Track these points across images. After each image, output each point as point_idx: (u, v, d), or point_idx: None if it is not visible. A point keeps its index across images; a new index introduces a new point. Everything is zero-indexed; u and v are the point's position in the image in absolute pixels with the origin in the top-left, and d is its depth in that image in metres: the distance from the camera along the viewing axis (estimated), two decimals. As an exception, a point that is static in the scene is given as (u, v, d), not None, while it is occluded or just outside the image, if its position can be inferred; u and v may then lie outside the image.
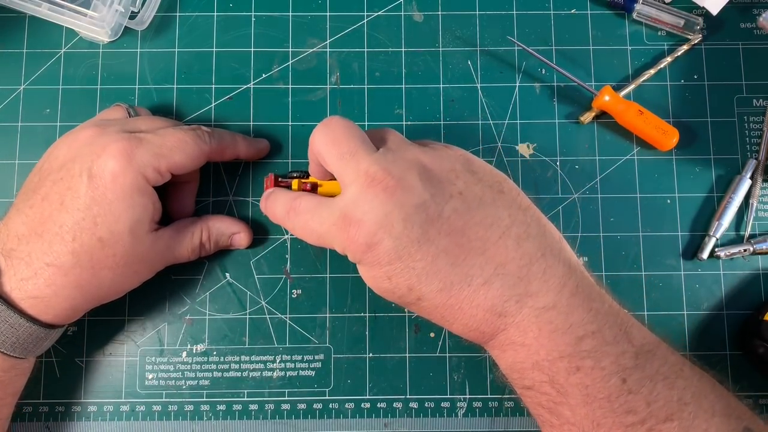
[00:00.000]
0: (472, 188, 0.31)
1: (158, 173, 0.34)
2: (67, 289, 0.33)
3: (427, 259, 0.30)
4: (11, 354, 0.33)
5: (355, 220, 0.30)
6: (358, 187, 0.30)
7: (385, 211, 0.30)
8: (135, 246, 0.34)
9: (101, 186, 0.32)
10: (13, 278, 0.32)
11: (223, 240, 0.39)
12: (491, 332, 0.31)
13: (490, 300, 0.30)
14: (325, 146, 0.32)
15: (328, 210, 0.32)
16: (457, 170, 0.32)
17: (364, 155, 0.31)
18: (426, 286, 0.30)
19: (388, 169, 0.30)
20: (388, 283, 0.31)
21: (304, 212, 0.33)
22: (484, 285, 0.30)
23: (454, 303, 0.30)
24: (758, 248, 0.40)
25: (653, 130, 0.40)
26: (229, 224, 0.39)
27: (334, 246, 0.32)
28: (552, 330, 0.29)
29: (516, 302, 0.30)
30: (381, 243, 0.30)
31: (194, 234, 0.38)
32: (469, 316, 0.30)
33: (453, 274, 0.30)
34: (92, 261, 0.33)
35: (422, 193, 0.30)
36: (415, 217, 0.30)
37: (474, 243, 0.30)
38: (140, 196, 0.33)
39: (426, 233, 0.30)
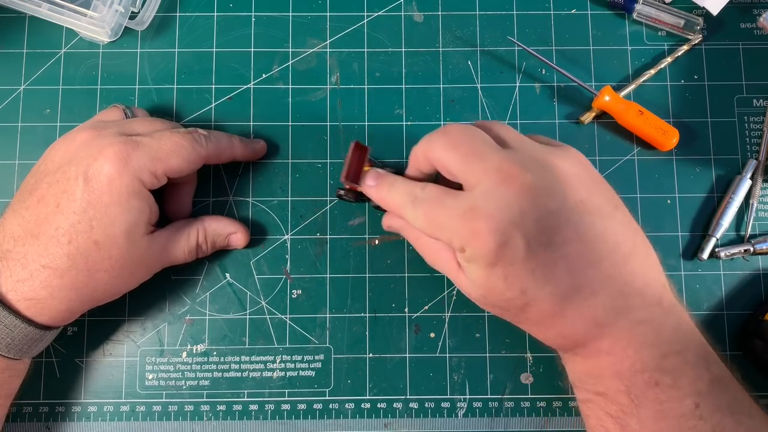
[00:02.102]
0: (593, 198, 0.31)
1: (154, 177, 0.34)
2: (62, 291, 0.33)
3: (548, 264, 0.29)
4: (6, 355, 0.33)
5: (485, 213, 0.29)
6: (491, 182, 0.30)
7: (520, 209, 0.29)
8: (131, 249, 0.34)
9: (97, 189, 0.32)
10: (9, 279, 0.32)
11: (220, 240, 0.39)
12: (584, 341, 0.31)
13: (593, 311, 0.30)
14: (446, 150, 0.32)
15: (456, 200, 0.31)
16: (581, 177, 0.32)
17: (493, 152, 0.31)
18: (539, 291, 0.30)
19: (524, 167, 0.30)
20: (503, 283, 0.30)
21: (428, 200, 0.32)
22: (592, 296, 0.30)
23: (560, 311, 0.30)
24: (758, 248, 0.40)
25: (653, 130, 0.40)
26: (225, 224, 0.39)
27: (453, 240, 0.31)
28: (641, 343, 0.30)
29: (615, 314, 0.30)
30: (512, 241, 0.29)
31: (190, 235, 0.38)
32: (570, 325, 0.31)
33: (568, 282, 0.30)
34: (88, 264, 0.33)
35: (555, 196, 0.30)
36: (547, 220, 0.29)
37: (591, 254, 0.30)
38: (136, 200, 0.33)
39: (553, 237, 0.30)
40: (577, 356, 0.32)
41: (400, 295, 0.40)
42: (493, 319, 0.40)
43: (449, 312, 0.40)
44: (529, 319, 0.32)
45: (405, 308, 0.40)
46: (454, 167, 0.32)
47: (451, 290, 0.40)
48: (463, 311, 0.40)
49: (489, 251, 0.30)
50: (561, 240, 0.30)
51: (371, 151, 0.37)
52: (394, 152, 0.42)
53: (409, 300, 0.40)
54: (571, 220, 0.30)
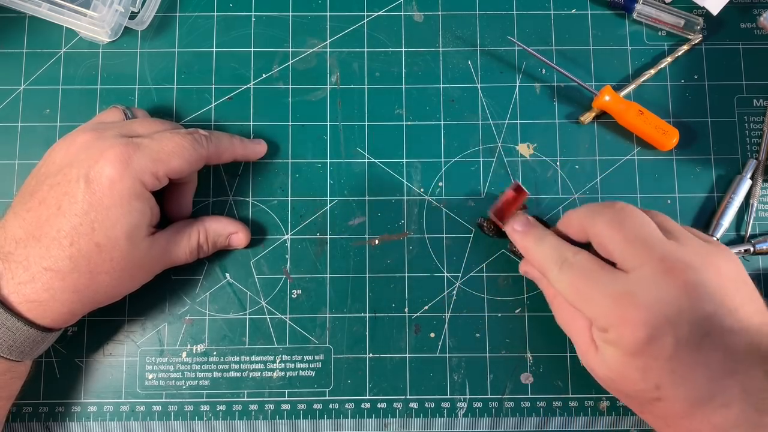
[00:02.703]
0: (746, 307, 0.30)
1: (156, 178, 0.34)
2: (65, 293, 0.33)
3: (690, 366, 0.29)
4: (8, 357, 0.33)
5: (642, 303, 0.29)
6: (653, 271, 0.29)
7: (679, 307, 0.29)
8: (132, 251, 0.34)
9: (98, 191, 0.32)
10: (11, 282, 0.32)
11: (221, 240, 0.39)
12: None
13: (724, 422, 0.29)
14: (610, 227, 0.31)
15: (611, 279, 0.30)
16: (738, 283, 0.31)
17: (660, 241, 0.30)
18: (674, 391, 0.29)
19: (689, 263, 0.29)
20: (639, 374, 0.30)
21: (579, 269, 0.32)
22: (724, 406, 0.29)
23: (689, 414, 0.29)
24: (758, 248, 0.40)
25: (653, 130, 0.40)
26: (225, 224, 0.39)
27: (597, 318, 0.30)
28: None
29: (744, 430, 0.29)
30: (662, 338, 0.29)
31: (191, 236, 0.38)
32: (695, 429, 0.30)
33: (705, 388, 0.29)
34: (90, 266, 0.33)
35: (714, 300, 0.29)
36: (700, 323, 0.29)
37: (730, 363, 0.29)
38: (137, 202, 0.33)
39: (701, 344, 0.29)
40: None
41: (400, 295, 0.40)
42: (493, 319, 0.40)
43: (449, 312, 0.40)
44: (654, 414, 0.31)
45: (405, 308, 0.40)
46: (615, 245, 0.31)
47: (451, 290, 0.40)
48: (463, 311, 0.40)
49: (636, 342, 0.29)
50: (708, 345, 0.29)
51: (528, 199, 0.37)
52: (394, 152, 0.42)
53: (409, 300, 0.40)
54: (724, 326, 0.29)
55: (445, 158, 0.42)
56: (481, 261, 0.41)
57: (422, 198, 0.41)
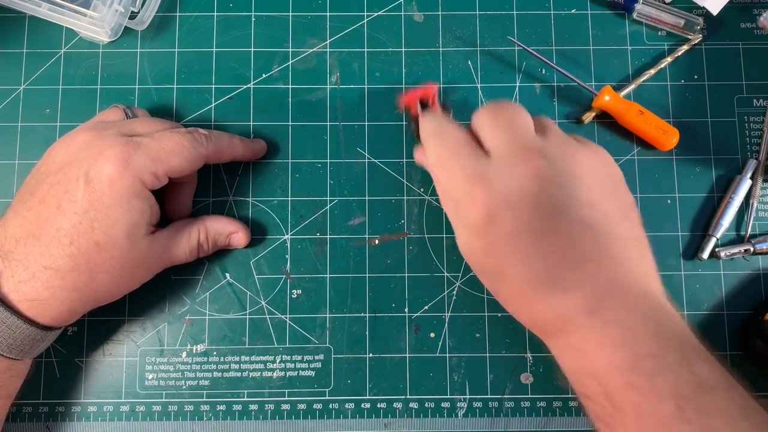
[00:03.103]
0: (604, 203, 0.31)
1: (155, 177, 0.34)
2: (64, 291, 0.33)
3: (531, 250, 0.30)
4: (8, 355, 0.33)
5: (487, 182, 0.30)
6: (508, 156, 0.31)
7: (522, 193, 0.30)
8: (132, 249, 0.34)
9: (98, 190, 0.32)
10: (11, 280, 0.32)
11: (221, 240, 0.39)
12: (553, 332, 0.32)
13: (564, 306, 0.30)
14: (488, 116, 0.33)
15: (472, 159, 0.32)
16: (601, 178, 0.32)
17: (526, 134, 0.32)
18: (515, 272, 0.31)
19: (544, 154, 0.31)
20: (483, 255, 0.31)
21: (450, 142, 0.33)
22: (564, 291, 0.30)
23: (532, 297, 0.31)
24: (758, 248, 0.40)
25: (653, 130, 0.40)
26: (225, 224, 0.39)
27: (450, 191, 0.32)
28: (613, 344, 0.29)
29: (586, 314, 0.30)
30: (501, 218, 0.30)
31: (191, 235, 0.38)
32: (540, 313, 0.31)
33: (544, 272, 0.30)
34: (89, 264, 0.33)
35: (564, 189, 0.30)
36: (544, 210, 0.30)
37: (578, 255, 0.30)
38: (137, 201, 0.33)
39: (545, 230, 0.30)
40: (555, 350, 0.33)
41: (400, 295, 0.40)
42: (493, 319, 0.40)
43: (449, 312, 0.40)
44: (503, 295, 0.33)
45: (405, 308, 0.40)
46: (486, 131, 0.33)
47: (451, 290, 0.40)
48: (463, 311, 0.40)
49: (477, 221, 0.31)
50: (553, 233, 0.30)
51: (449, 106, 0.40)
52: (394, 152, 0.42)
53: (409, 300, 0.40)
54: (571, 217, 0.30)
55: (445, 158, 0.42)
56: (481, 261, 0.41)
57: (422, 198, 0.41)
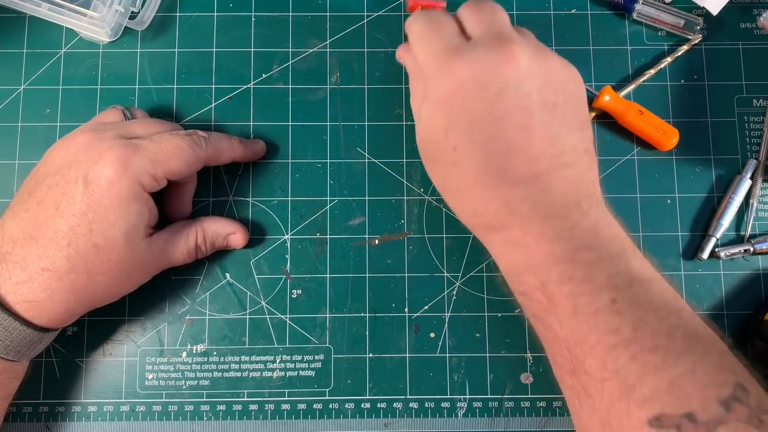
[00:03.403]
0: (565, 110, 0.32)
1: (154, 180, 0.34)
2: (62, 293, 0.33)
3: (489, 135, 0.30)
4: (5, 357, 0.33)
5: (465, 57, 0.31)
6: (489, 40, 0.31)
7: (496, 74, 0.30)
8: (130, 252, 0.34)
9: (97, 193, 0.32)
10: (8, 282, 0.32)
11: (219, 241, 0.39)
12: (496, 226, 0.32)
13: (509, 197, 0.31)
14: (472, 9, 0.34)
15: (453, 34, 0.33)
16: (568, 87, 0.32)
17: (505, 25, 0.33)
18: (470, 155, 0.31)
19: (524, 46, 0.31)
20: (441, 133, 0.31)
21: (432, 17, 0.34)
22: (513, 184, 0.31)
23: (479, 182, 0.31)
24: (758, 248, 0.40)
25: (653, 130, 0.40)
26: (223, 225, 0.39)
27: (426, 62, 0.32)
28: (553, 236, 0.30)
29: (530, 206, 0.31)
30: (471, 96, 0.30)
31: (189, 237, 0.38)
32: (484, 202, 0.31)
33: (498, 161, 0.31)
34: (87, 266, 0.33)
35: (535, 84, 0.31)
36: (514, 98, 0.30)
37: (533, 150, 0.30)
38: (136, 203, 0.33)
39: (510, 117, 0.30)
40: (496, 247, 0.33)
41: (400, 295, 0.40)
42: (493, 319, 0.40)
43: (449, 312, 0.40)
44: (450, 184, 0.33)
45: (405, 308, 0.40)
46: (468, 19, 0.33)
47: (451, 290, 0.40)
48: (463, 311, 0.40)
49: (446, 94, 0.31)
50: (513, 123, 0.30)
51: None
52: (394, 152, 0.42)
53: (409, 300, 0.40)
54: (533, 111, 0.31)
55: (445, 158, 0.42)
56: (481, 261, 0.41)
57: (422, 198, 0.41)
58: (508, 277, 0.33)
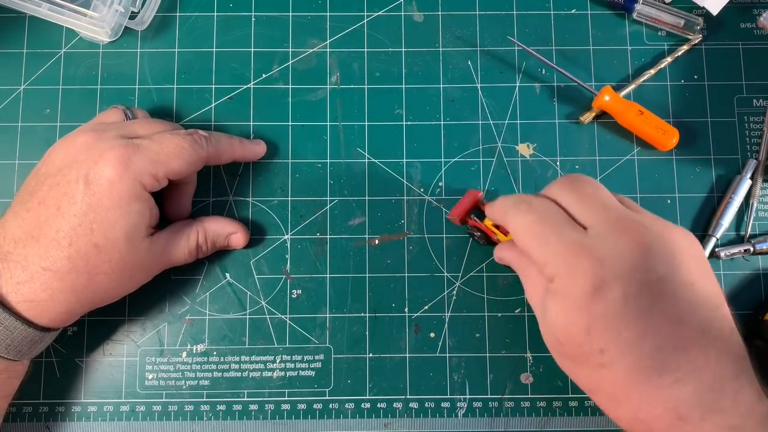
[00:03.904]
0: (704, 285, 0.29)
1: (155, 180, 0.34)
2: (62, 293, 0.33)
3: (638, 332, 0.28)
4: (6, 356, 0.33)
5: (593, 253, 0.28)
6: (609, 227, 0.29)
7: (633, 263, 0.28)
8: (131, 252, 0.34)
9: (98, 193, 0.32)
10: (10, 281, 0.32)
11: (220, 241, 0.39)
12: (656, 429, 0.28)
13: (677, 400, 0.28)
14: (565, 190, 0.32)
15: (570, 227, 0.30)
16: (697, 259, 0.30)
17: (615, 204, 0.30)
18: (621, 356, 0.28)
19: (647, 227, 0.29)
20: (583, 335, 0.28)
21: (541, 213, 0.31)
22: (677, 383, 0.28)
23: (638, 386, 0.28)
24: (758, 248, 0.40)
25: (653, 130, 0.40)
26: (224, 225, 0.39)
27: (547, 264, 0.29)
28: None
29: (701, 412, 0.27)
30: (610, 293, 0.28)
31: (190, 236, 0.38)
32: (646, 405, 0.28)
33: (653, 358, 0.28)
34: (88, 266, 0.33)
35: (668, 265, 0.28)
36: (652, 287, 0.28)
37: (683, 339, 0.28)
38: (137, 203, 0.33)
39: (652, 307, 0.28)
40: None
41: (400, 295, 0.40)
42: (493, 319, 0.40)
43: (449, 312, 0.40)
44: (601, 387, 0.29)
45: (405, 308, 0.40)
46: (572, 203, 0.31)
47: (451, 290, 0.40)
48: (463, 311, 0.40)
49: (583, 292, 0.28)
50: (659, 312, 0.28)
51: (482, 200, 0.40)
52: (394, 152, 0.42)
53: (409, 300, 0.40)
54: (677, 296, 0.28)
55: (445, 158, 0.42)
56: (481, 261, 0.41)
57: (422, 198, 0.41)
58: None
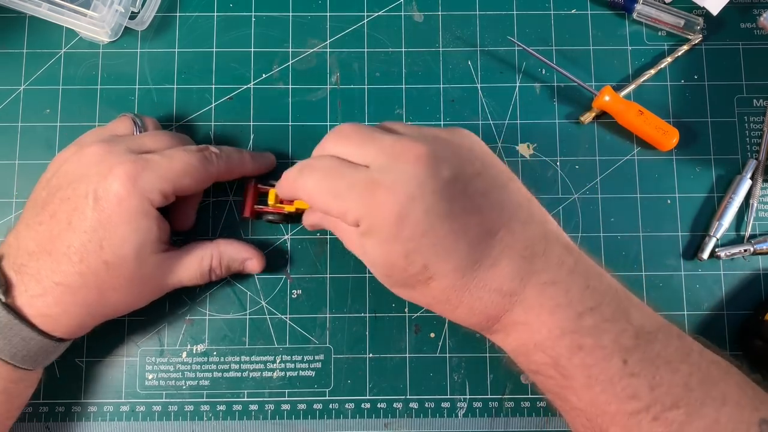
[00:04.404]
0: (488, 170, 0.31)
1: (163, 197, 0.34)
2: (75, 307, 0.33)
3: (449, 236, 0.29)
4: (22, 366, 0.33)
5: (385, 185, 0.29)
6: (386, 157, 0.30)
7: (418, 181, 0.29)
8: (140, 268, 0.34)
9: (107, 209, 0.32)
10: (24, 294, 0.32)
11: (235, 265, 0.39)
12: (496, 314, 0.30)
13: (498, 280, 0.30)
14: (339, 143, 0.32)
15: (354, 171, 0.30)
16: (474, 150, 0.32)
17: (385, 135, 0.31)
18: (442, 265, 0.29)
19: (417, 141, 0.30)
20: (404, 261, 0.30)
21: (324, 169, 0.31)
22: (493, 266, 0.30)
23: (464, 284, 0.30)
24: (758, 248, 0.40)
25: (653, 130, 0.40)
26: (240, 250, 0.39)
27: (348, 212, 0.30)
28: (553, 306, 0.29)
29: (520, 280, 0.30)
30: (412, 214, 0.29)
31: (203, 259, 0.37)
32: (476, 298, 0.30)
33: (468, 253, 0.30)
34: (98, 282, 0.33)
35: (451, 167, 0.30)
36: (444, 191, 0.29)
37: (488, 224, 0.30)
38: (145, 219, 0.33)
39: (452, 209, 0.29)
40: (499, 334, 0.32)
41: (400, 295, 0.40)
42: (493, 319, 0.40)
43: (449, 312, 0.40)
44: (435, 298, 0.31)
45: (405, 308, 0.40)
46: (349, 151, 0.31)
47: (451, 290, 0.40)
48: (463, 311, 0.40)
49: (389, 225, 0.29)
50: (459, 210, 0.30)
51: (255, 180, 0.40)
52: (394, 152, 0.42)
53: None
54: (468, 191, 0.30)
55: (445, 158, 0.42)
56: (481, 261, 0.41)
57: (422, 198, 0.41)
58: (517, 358, 0.32)
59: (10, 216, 0.41)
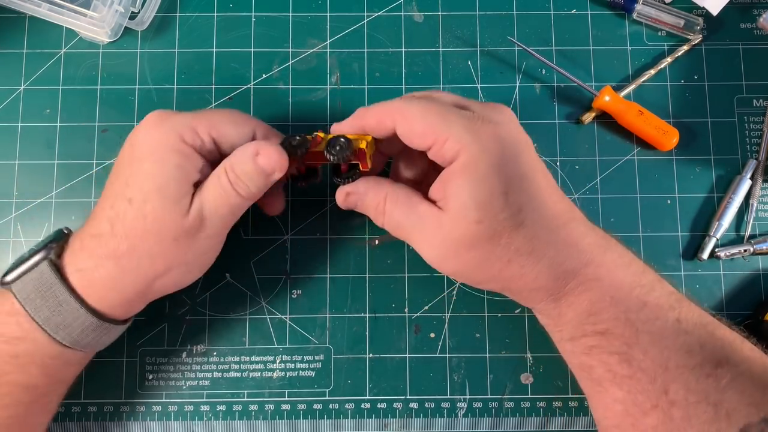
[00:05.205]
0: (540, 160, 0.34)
1: (195, 133, 0.32)
2: (107, 260, 0.31)
3: (545, 187, 0.32)
4: (56, 336, 0.31)
5: (494, 122, 0.32)
6: (483, 106, 0.33)
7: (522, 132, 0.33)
8: (166, 208, 0.30)
9: (135, 146, 0.32)
10: (67, 252, 0.32)
11: (248, 166, 0.32)
12: (573, 268, 0.31)
13: (582, 233, 0.32)
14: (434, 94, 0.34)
15: (460, 108, 0.33)
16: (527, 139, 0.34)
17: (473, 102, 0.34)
18: (536, 212, 0.31)
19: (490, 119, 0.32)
20: (502, 199, 0.30)
21: (427, 98, 0.33)
22: (576, 220, 0.32)
23: (552, 236, 0.31)
24: (758, 248, 0.40)
25: (653, 131, 0.40)
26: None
27: (452, 138, 0.30)
28: (620, 265, 0.32)
29: (588, 241, 0.32)
30: (516, 156, 0.32)
31: (221, 177, 0.32)
32: (560, 250, 0.31)
33: (560, 203, 0.32)
34: (125, 228, 0.31)
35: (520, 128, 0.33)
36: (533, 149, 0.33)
37: (555, 187, 0.33)
38: (173, 154, 0.31)
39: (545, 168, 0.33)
40: (569, 296, 0.32)
41: (400, 295, 0.40)
42: (493, 319, 0.40)
43: (449, 312, 0.40)
44: (519, 250, 0.31)
45: (405, 308, 0.40)
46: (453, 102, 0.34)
47: (451, 290, 0.40)
48: (463, 311, 0.40)
49: (494, 157, 0.30)
50: (540, 172, 0.33)
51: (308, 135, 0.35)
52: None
53: (409, 300, 0.40)
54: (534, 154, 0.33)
55: (445, 158, 0.42)
56: (481, 261, 0.41)
57: (422, 198, 0.41)
58: (586, 319, 0.32)
59: (10, 216, 0.41)
